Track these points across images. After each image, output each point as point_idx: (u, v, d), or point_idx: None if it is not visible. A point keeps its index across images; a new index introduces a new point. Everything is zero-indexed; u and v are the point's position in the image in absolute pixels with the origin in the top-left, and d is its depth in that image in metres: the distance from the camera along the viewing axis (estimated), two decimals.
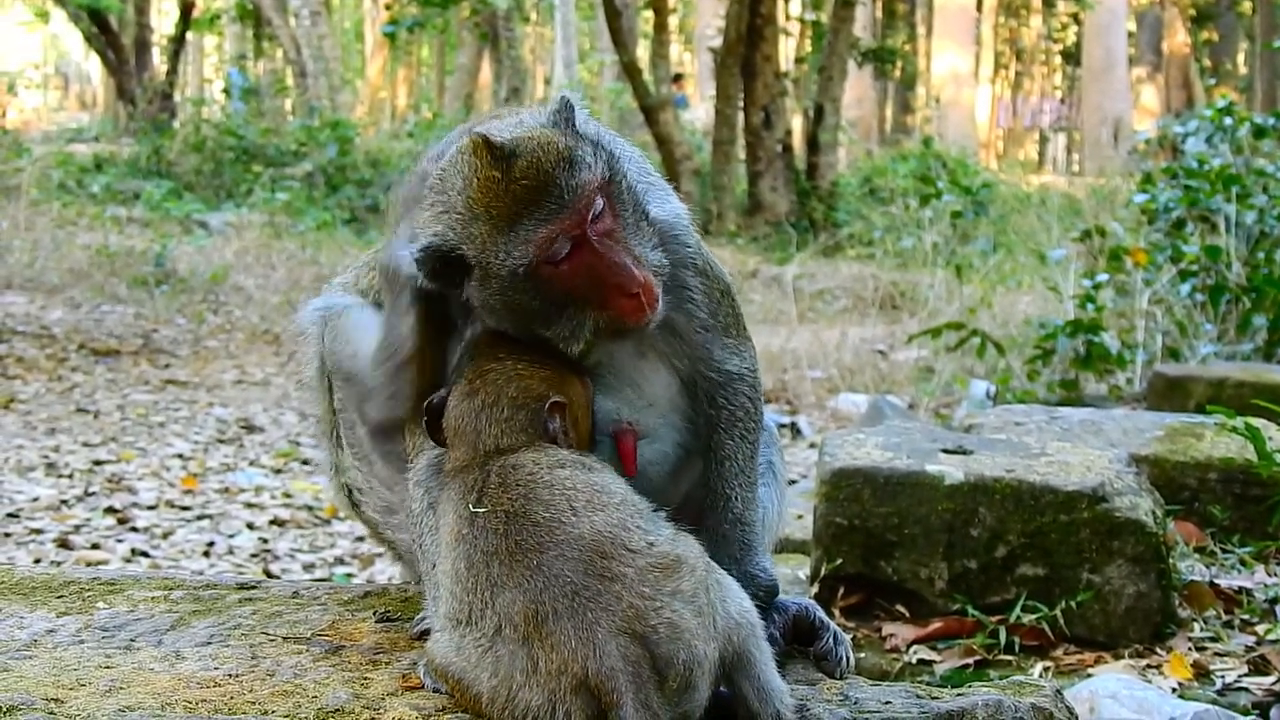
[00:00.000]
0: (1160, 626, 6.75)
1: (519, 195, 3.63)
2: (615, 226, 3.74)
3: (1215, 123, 17.58)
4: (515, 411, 3.68)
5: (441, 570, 3.55)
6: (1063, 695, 3.97)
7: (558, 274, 3.66)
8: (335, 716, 3.44)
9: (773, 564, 4.10)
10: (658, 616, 3.25)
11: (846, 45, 34.94)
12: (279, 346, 18.86)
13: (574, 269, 3.67)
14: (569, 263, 3.66)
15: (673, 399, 4.03)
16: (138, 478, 11.43)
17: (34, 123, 54.76)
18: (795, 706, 3.54)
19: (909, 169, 34.57)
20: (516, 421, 3.67)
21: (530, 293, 3.68)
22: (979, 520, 6.78)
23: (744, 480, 4.04)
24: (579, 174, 3.66)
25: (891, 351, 18.01)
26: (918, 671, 6.49)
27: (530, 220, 3.62)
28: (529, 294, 3.69)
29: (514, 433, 3.65)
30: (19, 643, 3.94)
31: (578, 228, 3.65)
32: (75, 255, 23.47)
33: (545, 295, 3.69)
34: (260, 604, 4.36)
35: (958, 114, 55.62)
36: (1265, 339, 13.37)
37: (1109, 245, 15.65)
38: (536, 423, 3.67)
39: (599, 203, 3.69)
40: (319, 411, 4.42)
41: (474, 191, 3.65)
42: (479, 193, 3.64)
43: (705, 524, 3.94)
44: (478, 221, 3.65)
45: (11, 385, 15.22)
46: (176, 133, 37.79)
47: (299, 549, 9.77)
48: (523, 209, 3.62)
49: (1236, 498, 8.06)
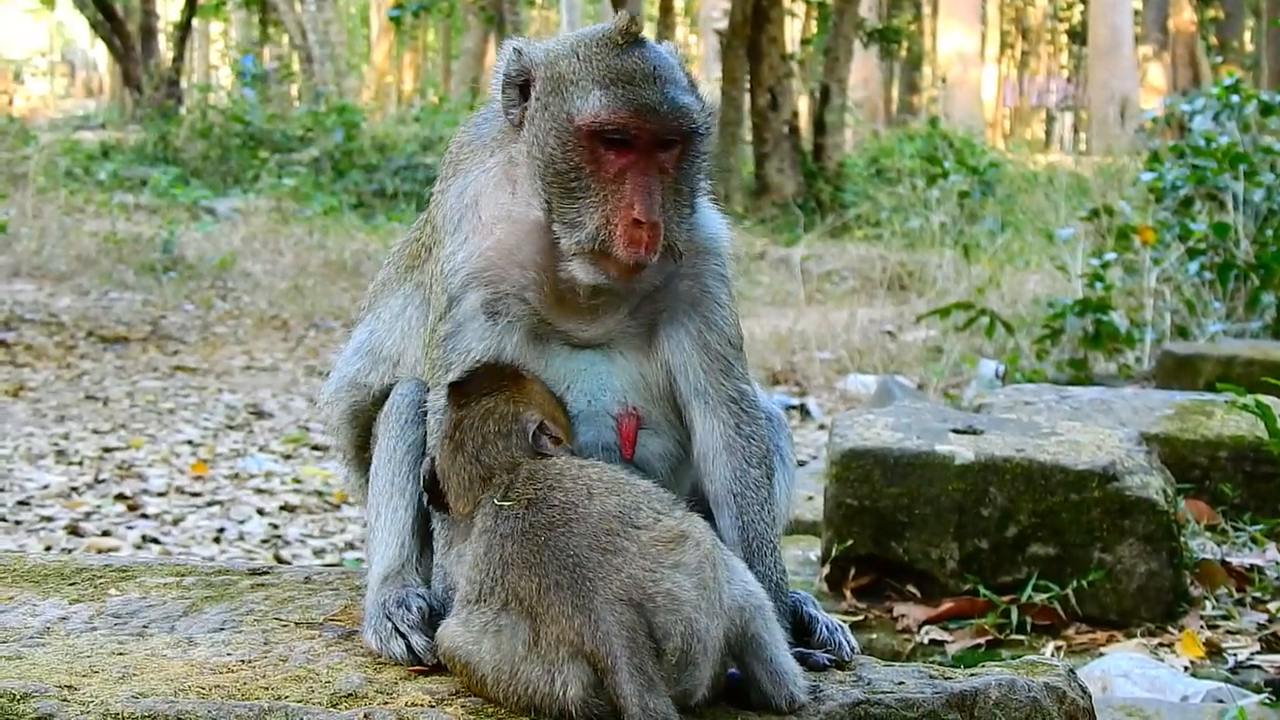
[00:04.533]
0: (1172, 605, 6.75)
1: (625, 69, 3.80)
2: (672, 174, 3.85)
3: (1222, 100, 17.55)
4: (505, 440, 3.71)
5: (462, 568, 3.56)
6: (1076, 675, 3.97)
7: (600, 156, 3.78)
8: (348, 701, 3.44)
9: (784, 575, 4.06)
10: (656, 586, 3.25)
11: (852, 26, 34.93)
12: (287, 332, 18.86)
13: (615, 162, 3.78)
14: (617, 155, 3.78)
15: (681, 399, 4.02)
16: (147, 464, 11.43)
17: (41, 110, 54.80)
18: (808, 689, 3.54)
19: (916, 149, 34.56)
20: (510, 447, 3.69)
21: (570, 149, 3.80)
22: (990, 500, 6.78)
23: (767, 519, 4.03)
24: (686, 100, 3.84)
25: (900, 332, 18.00)
26: (929, 652, 6.49)
27: (623, 93, 3.77)
28: (568, 149, 3.81)
29: (516, 458, 3.67)
30: (32, 630, 3.94)
31: (649, 136, 3.78)
32: (83, 242, 23.48)
33: (578, 164, 3.80)
34: (272, 590, 4.36)
35: (964, 94, 55.47)
36: (1274, 316, 13.36)
37: (1117, 224, 15.65)
38: (525, 443, 3.70)
39: (678, 141, 3.83)
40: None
41: (594, 44, 3.86)
42: (598, 45, 3.85)
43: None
44: (582, 63, 3.84)
45: (21, 373, 15.22)
46: (183, 119, 37.83)
47: (309, 534, 9.78)
48: (623, 83, 3.78)
49: (1247, 475, 8.06)
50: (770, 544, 3.97)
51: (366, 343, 4.35)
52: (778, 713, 3.48)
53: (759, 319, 18.45)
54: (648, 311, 4.00)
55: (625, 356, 4.01)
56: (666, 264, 3.88)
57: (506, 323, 3.94)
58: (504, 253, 3.95)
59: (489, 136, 4.08)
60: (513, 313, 3.94)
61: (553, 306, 3.95)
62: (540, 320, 3.96)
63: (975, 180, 27.95)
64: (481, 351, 3.92)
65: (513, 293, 3.94)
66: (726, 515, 3.96)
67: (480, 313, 3.94)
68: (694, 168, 3.95)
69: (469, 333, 3.94)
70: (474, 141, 4.14)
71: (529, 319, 3.95)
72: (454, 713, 3.38)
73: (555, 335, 3.98)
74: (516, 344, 3.94)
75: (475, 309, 3.94)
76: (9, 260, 22.10)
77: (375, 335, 4.33)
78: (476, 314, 3.94)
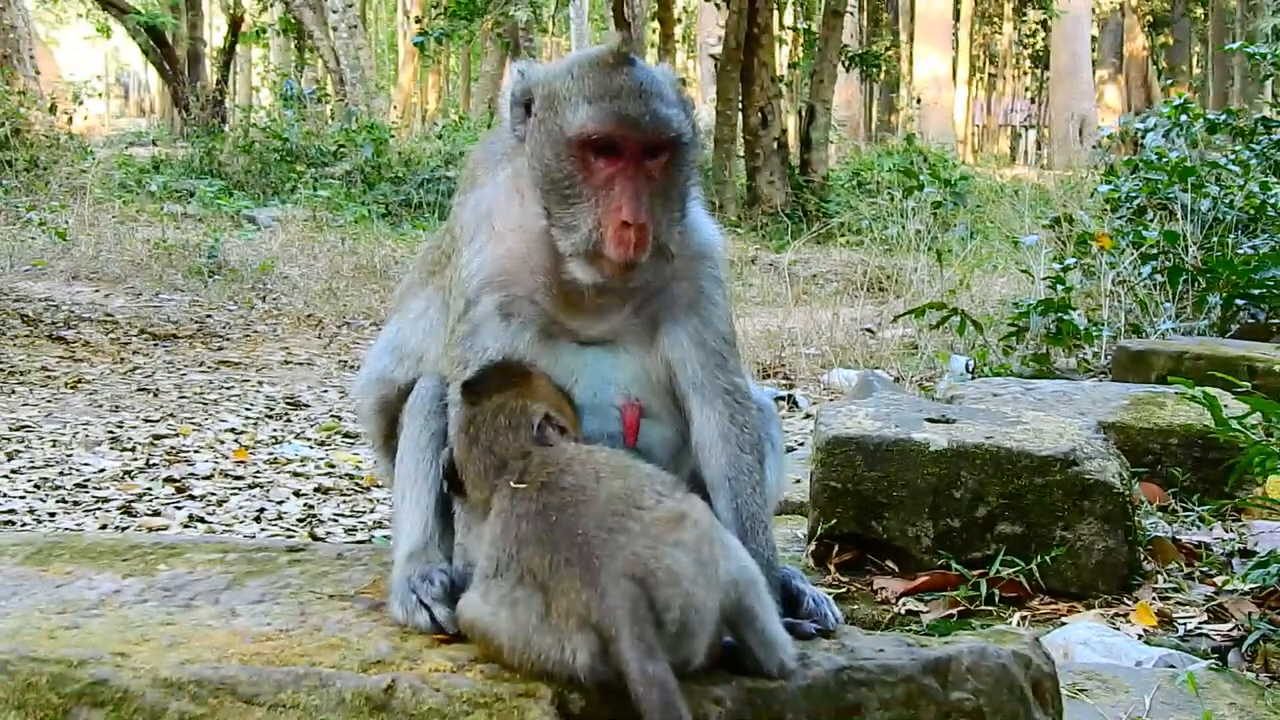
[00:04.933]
0: (1127, 579, 6.74)
1: (614, 86, 3.80)
2: (659, 177, 3.84)
3: (1172, 119, 17.56)
4: (514, 432, 3.71)
5: (481, 546, 3.56)
6: (1040, 642, 3.96)
7: (591, 164, 3.79)
8: (377, 667, 3.44)
9: (774, 552, 4.05)
10: (658, 562, 3.25)
11: (836, 51, 34.88)
12: (322, 330, 18.84)
13: (605, 170, 3.78)
14: (606, 163, 3.78)
15: (680, 391, 4.02)
16: (194, 450, 11.41)
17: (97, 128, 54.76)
18: (797, 656, 3.53)
19: (893, 164, 34.48)
20: (520, 439, 3.69)
21: (563, 159, 3.81)
22: (961, 483, 6.76)
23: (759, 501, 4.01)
24: (669, 111, 3.82)
25: (879, 330, 17.95)
26: (906, 621, 6.47)
27: (611, 111, 3.77)
28: (561, 159, 3.81)
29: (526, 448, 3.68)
30: (88, 602, 3.93)
31: (634, 145, 3.78)
32: (136, 248, 23.47)
33: (570, 172, 3.81)
34: (308, 565, 4.35)
35: (937, 113, 55.51)
36: (1219, 315, 13.34)
37: (1076, 231, 15.63)
38: (531, 434, 3.70)
39: (664, 150, 3.82)
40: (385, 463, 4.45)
41: (586, 64, 3.88)
42: (589, 65, 3.87)
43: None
44: (575, 81, 3.85)
45: (79, 367, 15.21)
46: (227, 136, 37.81)
47: (341, 514, 9.75)
48: (610, 97, 3.79)
49: (1196, 460, 8.07)
50: (762, 523, 3.97)
51: (393, 340, 4.35)
52: (769, 678, 3.48)
53: (751, 318, 18.43)
54: (649, 311, 4.00)
55: (628, 352, 4.01)
56: (659, 263, 3.88)
57: (519, 323, 3.94)
58: (516, 259, 3.95)
59: (500, 152, 4.10)
60: (524, 314, 3.95)
61: (561, 307, 3.95)
62: (550, 320, 3.96)
63: (948, 192, 27.91)
64: (496, 350, 3.93)
65: (524, 296, 3.95)
66: (722, 497, 3.95)
67: (495, 314, 3.94)
68: (681, 174, 3.93)
69: (485, 333, 3.94)
70: (488, 158, 4.15)
71: (539, 319, 3.95)
72: (474, 677, 3.38)
73: (564, 333, 3.98)
74: (528, 342, 3.95)
75: (490, 311, 3.94)
76: (68, 265, 22.09)
77: (401, 333, 4.33)
78: (492, 316, 3.94)
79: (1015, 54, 76.43)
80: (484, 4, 38.20)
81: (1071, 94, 54.71)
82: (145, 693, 3.27)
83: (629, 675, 3.12)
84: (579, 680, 3.25)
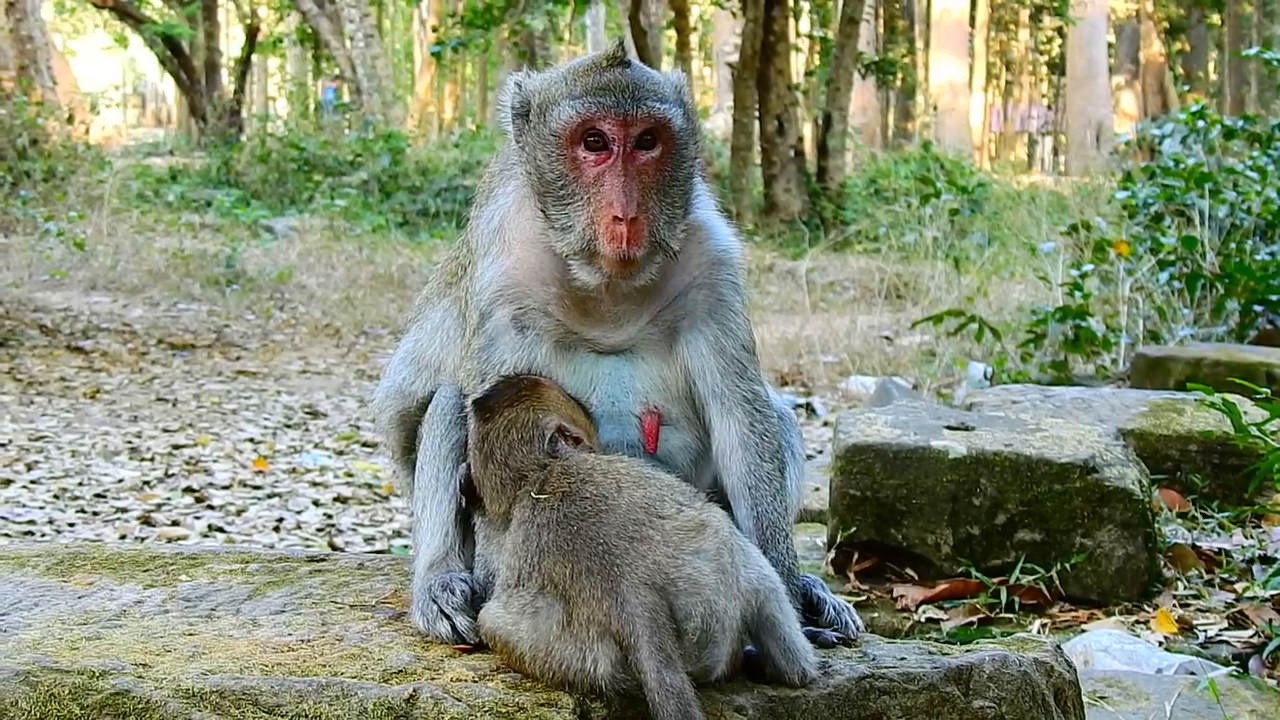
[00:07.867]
0: (1147, 585, 6.73)
1: (601, 81, 3.81)
2: (653, 172, 3.84)
3: (1189, 125, 17.51)
4: (529, 445, 3.71)
5: (502, 556, 3.57)
6: (1061, 650, 3.96)
7: (580, 160, 3.81)
8: (399, 677, 3.44)
9: (795, 560, 4.04)
10: (678, 571, 3.26)
11: (852, 59, 34.87)
12: (339, 339, 18.88)
13: (594, 166, 3.80)
14: (596, 159, 3.80)
15: (699, 399, 4.01)
16: (213, 460, 11.44)
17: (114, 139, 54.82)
18: (819, 664, 3.53)
19: (910, 171, 34.53)
20: (534, 451, 3.70)
21: (554, 158, 3.84)
22: (980, 490, 6.76)
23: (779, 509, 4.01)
24: (653, 104, 3.81)
25: (897, 337, 17.96)
26: (926, 629, 6.47)
27: (595, 102, 3.78)
28: (552, 159, 3.84)
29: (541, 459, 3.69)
30: (110, 613, 3.94)
31: (621, 136, 3.79)
32: (153, 258, 23.54)
33: (562, 171, 3.83)
34: (329, 575, 4.35)
35: (954, 120, 55.44)
36: (1237, 322, 13.31)
37: (1094, 238, 15.60)
38: (544, 447, 3.71)
39: (653, 140, 3.83)
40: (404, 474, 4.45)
41: (579, 67, 3.90)
42: (582, 68, 3.88)
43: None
44: (567, 84, 3.86)
45: (98, 377, 15.25)
46: (244, 146, 37.93)
47: (360, 524, 9.78)
48: (596, 91, 3.80)
49: (1215, 467, 8.05)
50: (783, 531, 3.96)
51: (411, 352, 4.35)
52: (791, 686, 3.49)
53: (769, 325, 18.44)
54: (667, 319, 3.99)
55: (646, 361, 4.00)
56: (662, 260, 3.87)
57: (534, 335, 3.94)
58: (527, 271, 3.95)
59: (510, 165, 4.10)
60: (539, 326, 3.94)
61: (577, 317, 3.95)
62: (566, 331, 3.96)
63: (964, 199, 27.87)
64: (513, 363, 3.93)
65: (537, 307, 3.95)
66: (743, 506, 3.95)
67: (510, 327, 3.94)
68: (678, 169, 3.91)
69: (501, 345, 3.94)
70: (501, 171, 4.16)
71: (555, 330, 3.95)
72: (495, 687, 3.38)
73: (582, 344, 3.98)
74: (545, 354, 3.94)
75: (505, 324, 3.95)
76: (87, 275, 22.17)
77: (419, 344, 4.34)
78: (507, 329, 3.94)
79: (1031, 60, 76.34)
80: (500, 13, 38.22)
81: (1088, 100, 54.61)
82: (167, 703, 3.27)
83: (646, 684, 3.12)
84: (601, 689, 3.25)
